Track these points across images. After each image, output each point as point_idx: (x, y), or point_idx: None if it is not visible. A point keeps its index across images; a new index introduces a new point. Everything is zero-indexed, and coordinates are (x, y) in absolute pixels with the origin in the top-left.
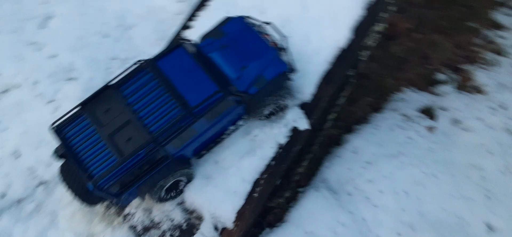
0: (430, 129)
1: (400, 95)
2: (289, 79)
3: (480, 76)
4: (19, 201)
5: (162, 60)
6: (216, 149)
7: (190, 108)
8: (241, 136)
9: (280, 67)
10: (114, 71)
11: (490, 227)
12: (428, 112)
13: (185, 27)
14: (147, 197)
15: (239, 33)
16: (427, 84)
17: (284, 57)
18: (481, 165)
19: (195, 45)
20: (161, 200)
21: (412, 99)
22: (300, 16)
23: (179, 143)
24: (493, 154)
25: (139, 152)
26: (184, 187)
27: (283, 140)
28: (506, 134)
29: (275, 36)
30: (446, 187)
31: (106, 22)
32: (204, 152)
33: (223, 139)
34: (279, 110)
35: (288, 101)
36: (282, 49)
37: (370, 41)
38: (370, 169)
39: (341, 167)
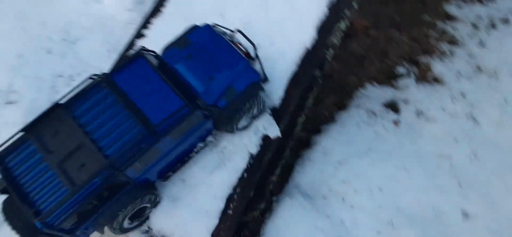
0: (396, 122)
1: (363, 91)
2: (262, 89)
3: (438, 67)
4: None
5: (120, 73)
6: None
7: (153, 127)
8: (208, 149)
9: (252, 77)
10: (60, 90)
11: (465, 214)
12: (392, 106)
13: (139, 35)
14: (106, 229)
15: (206, 42)
16: (388, 78)
17: (256, 67)
18: (449, 153)
19: (157, 56)
20: (123, 231)
21: (375, 95)
22: (262, 18)
23: (141, 166)
24: (459, 141)
25: (94, 180)
26: (149, 212)
27: (254, 150)
28: (468, 121)
29: (245, 45)
30: (418, 179)
31: (49, 37)
32: (170, 173)
33: (191, 157)
34: (252, 121)
35: (262, 111)
36: (254, 58)
37: (335, 39)
38: (342, 169)
39: (313, 170)
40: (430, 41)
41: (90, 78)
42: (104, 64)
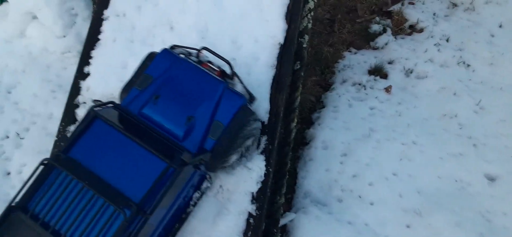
0: (387, 90)
1: (343, 62)
2: (252, 113)
3: (411, 13)
4: None
5: (75, 147)
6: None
7: (136, 207)
8: (204, 195)
9: (237, 101)
10: (10, 156)
11: (489, 178)
12: (378, 72)
13: (82, 75)
14: None
15: (170, 72)
16: (365, 40)
17: (238, 87)
18: (453, 111)
19: (117, 106)
20: None
21: (356, 62)
22: (219, 18)
23: None
24: (458, 94)
25: None
26: None
27: (255, 187)
28: (461, 68)
29: (216, 62)
30: (431, 151)
31: None
32: None
33: (189, 213)
34: (247, 152)
35: (257, 140)
36: (232, 76)
37: (307, 22)
38: (349, 162)
39: (319, 171)
40: None
41: (42, 164)
42: (53, 108)
